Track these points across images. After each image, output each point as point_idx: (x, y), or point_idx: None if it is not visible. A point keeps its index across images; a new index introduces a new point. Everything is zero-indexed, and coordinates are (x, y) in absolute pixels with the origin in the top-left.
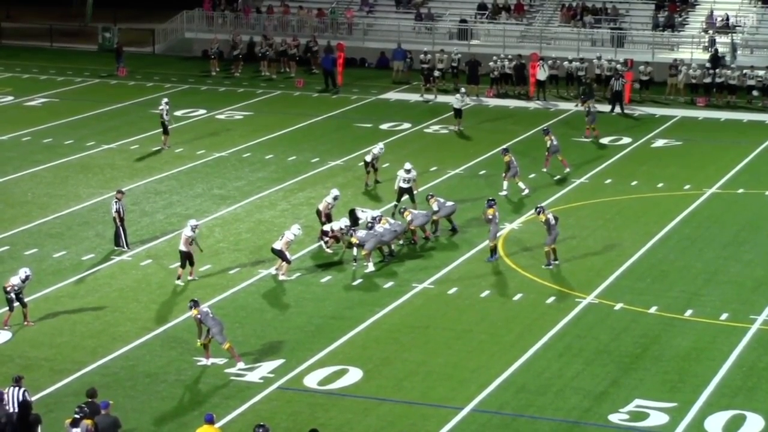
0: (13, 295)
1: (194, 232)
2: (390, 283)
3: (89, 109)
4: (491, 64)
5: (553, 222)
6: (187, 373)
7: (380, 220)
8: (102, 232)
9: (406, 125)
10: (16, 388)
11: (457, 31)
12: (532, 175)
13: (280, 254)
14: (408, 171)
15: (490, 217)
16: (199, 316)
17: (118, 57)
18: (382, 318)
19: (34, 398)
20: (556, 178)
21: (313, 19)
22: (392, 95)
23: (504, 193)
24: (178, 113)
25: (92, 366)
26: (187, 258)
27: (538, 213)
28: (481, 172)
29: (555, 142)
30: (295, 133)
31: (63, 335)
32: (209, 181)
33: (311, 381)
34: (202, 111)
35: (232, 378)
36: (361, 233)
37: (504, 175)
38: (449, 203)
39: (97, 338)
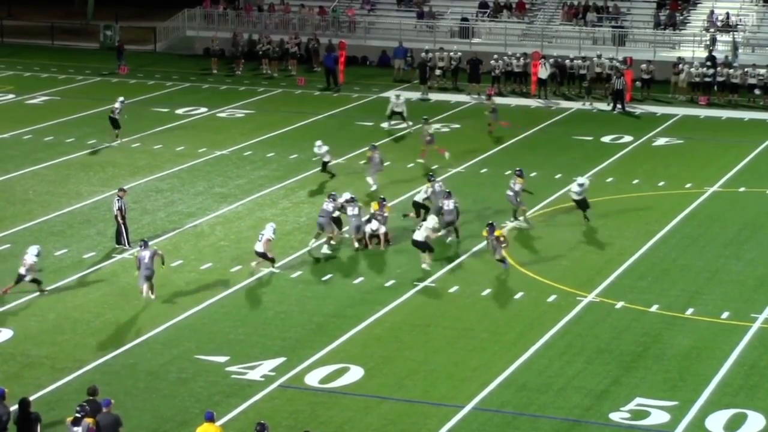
0: (29, 276)
1: (274, 234)
2: (391, 281)
3: (91, 107)
4: (492, 62)
5: (495, 243)
6: (189, 372)
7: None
8: (103, 230)
9: (408, 124)
10: None
11: (459, 29)
12: (534, 174)
13: (263, 256)
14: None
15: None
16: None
17: (119, 55)
18: (383, 316)
19: (34, 396)
20: (434, 167)
21: (315, 17)
22: (393, 93)
23: (373, 188)
24: (179, 111)
25: (93, 364)
26: (261, 257)
27: (490, 230)
28: (482, 171)
29: (431, 132)
30: (296, 131)
31: (64, 333)
32: (211, 179)
33: (312, 379)
34: (203, 109)
35: (233, 376)
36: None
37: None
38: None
39: (98, 336)
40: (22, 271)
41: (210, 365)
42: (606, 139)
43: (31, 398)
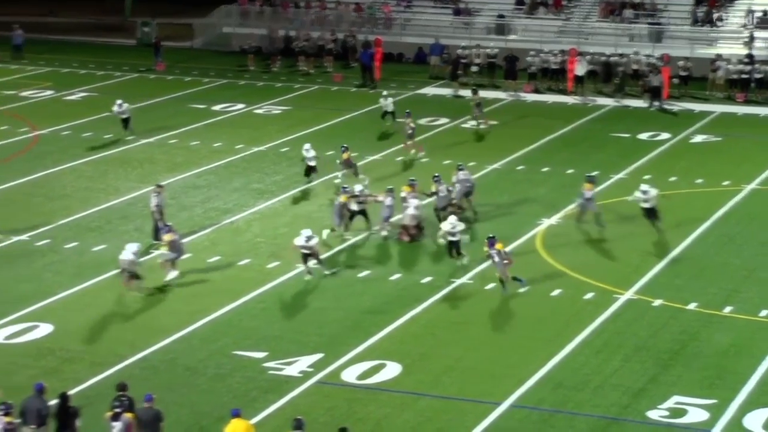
0: (128, 272)
1: (308, 242)
2: (428, 278)
3: (128, 103)
4: (529, 59)
5: (497, 259)
6: (227, 367)
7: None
8: (141, 226)
9: (444, 120)
10: None
11: (495, 26)
12: (570, 171)
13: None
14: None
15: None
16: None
17: (156, 52)
18: (420, 313)
19: (73, 391)
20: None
21: (351, 13)
22: (429, 90)
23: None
24: (216, 108)
25: (132, 359)
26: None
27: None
28: (519, 168)
29: (410, 130)
30: (332, 127)
31: (103, 328)
32: (248, 175)
33: (349, 375)
34: (240, 105)
35: (271, 372)
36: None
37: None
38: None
39: (137, 331)
40: (125, 273)
41: (248, 361)
42: (643, 136)
43: (70, 393)
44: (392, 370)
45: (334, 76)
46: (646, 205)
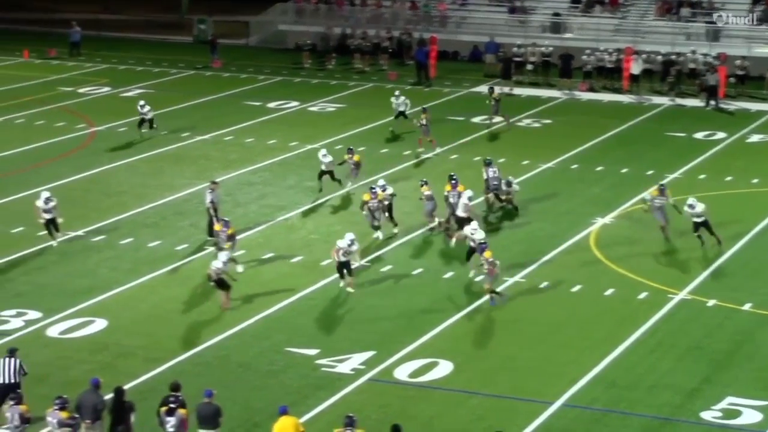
0: (216, 277)
1: (349, 246)
2: (481, 276)
3: (184, 101)
4: (584, 57)
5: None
6: (279, 364)
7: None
8: (196, 223)
9: (498, 119)
10: (11, 359)
11: (551, 24)
12: (625, 170)
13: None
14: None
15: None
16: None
17: (212, 49)
18: (472, 311)
19: (127, 386)
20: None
21: (406, 11)
22: (484, 88)
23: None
24: (271, 105)
25: (185, 355)
26: (343, 267)
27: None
28: (573, 166)
29: (424, 124)
30: (387, 125)
31: (157, 324)
32: (302, 172)
33: (401, 373)
34: (294, 103)
35: (323, 369)
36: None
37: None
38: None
39: (190, 327)
40: (213, 276)
41: (300, 358)
42: (699, 135)
43: (125, 388)
44: (444, 368)
45: (389, 74)
46: (697, 220)
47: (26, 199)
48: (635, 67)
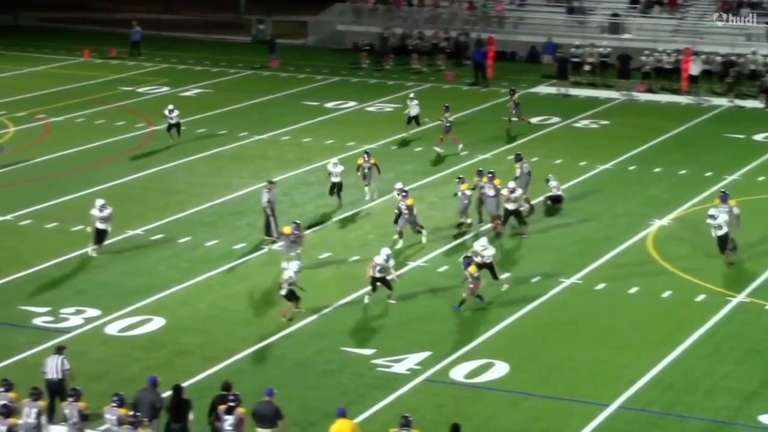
0: (287, 288)
1: (386, 261)
2: (537, 278)
3: (242, 100)
4: (643, 58)
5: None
6: (335, 363)
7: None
8: (253, 222)
9: (555, 119)
10: (58, 356)
11: (609, 24)
12: (683, 171)
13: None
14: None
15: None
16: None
17: (271, 49)
18: (529, 312)
19: (185, 384)
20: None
21: (464, 11)
22: (541, 89)
23: (367, 198)
24: (329, 105)
25: (242, 354)
26: (377, 282)
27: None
28: (631, 168)
29: (448, 123)
30: (438, 126)
31: (214, 323)
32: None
33: (457, 374)
34: (352, 103)
35: (379, 369)
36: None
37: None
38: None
39: (247, 326)
40: (283, 289)
41: (356, 357)
42: (758, 137)
43: (182, 386)
44: (500, 369)
45: (446, 74)
46: (719, 233)
47: (86, 198)
48: (694, 68)
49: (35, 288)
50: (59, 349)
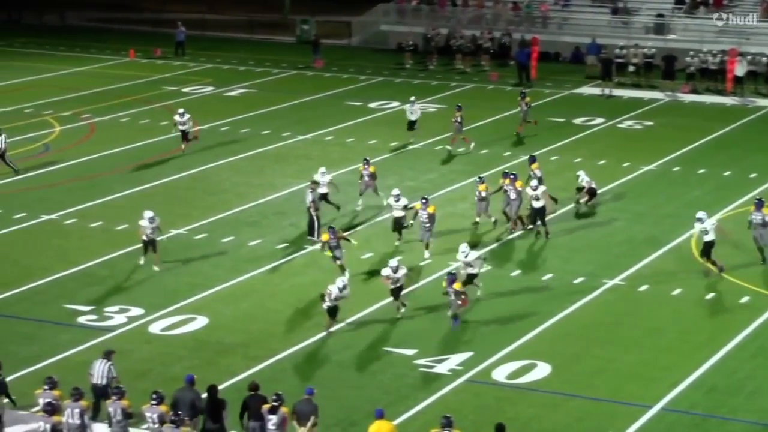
0: (329, 304)
1: (394, 272)
2: (581, 279)
3: (286, 100)
4: (687, 59)
5: (452, 297)
6: (377, 363)
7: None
8: (296, 222)
9: (599, 120)
10: (105, 362)
11: (654, 25)
12: (727, 173)
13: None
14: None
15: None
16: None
17: (315, 49)
18: (571, 313)
19: (228, 383)
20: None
21: (508, 12)
22: (585, 90)
23: (358, 207)
24: (372, 105)
25: (284, 353)
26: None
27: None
28: (675, 169)
29: (458, 122)
30: (487, 126)
31: (257, 322)
32: (402, 172)
33: (500, 374)
34: (396, 103)
35: (421, 369)
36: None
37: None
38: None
39: (289, 326)
40: (325, 303)
41: (398, 357)
42: None
43: (225, 385)
44: (542, 370)
45: (490, 74)
46: (706, 238)
47: (130, 197)
48: (739, 69)
49: (80, 287)
50: (108, 354)
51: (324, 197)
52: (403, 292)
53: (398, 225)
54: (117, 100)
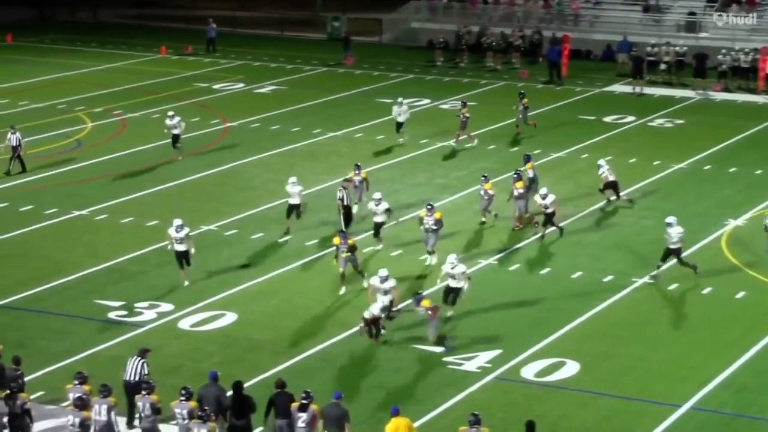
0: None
1: (381, 283)
2: (610, 277)
3: (316, 97)
4: (719, 57)
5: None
6: (405, 361)
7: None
8: (326, 219)
9: (630, 118)
10: (138, 360)
11: (685, 23)
12: (758, 171)
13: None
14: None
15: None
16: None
17: (345, 46)
18: (600, 312)
19: (255, 380)
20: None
21: (539, 10)
22: (616, 88)
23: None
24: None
25: (313, 350)
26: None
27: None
28: (706, 167)
29: (464, 119)
30: (512, 125)
31: (285, 319)
32: (431, 170)
33: (528, 372)
34: (426, 101)
35: (450, 367)
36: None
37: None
38: None
39: (318, 323)
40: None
41: (427, 355)
42: None
43: (253, 381)
44: (571, 368)
45: (520, 72)
46: (672, 245)
47: (161, 193)
48: None
49: (110, 282)
50: (143, 352)
51: (294, 208)
52: (395, 309)
53: (379, 230)
54: (148, 96)
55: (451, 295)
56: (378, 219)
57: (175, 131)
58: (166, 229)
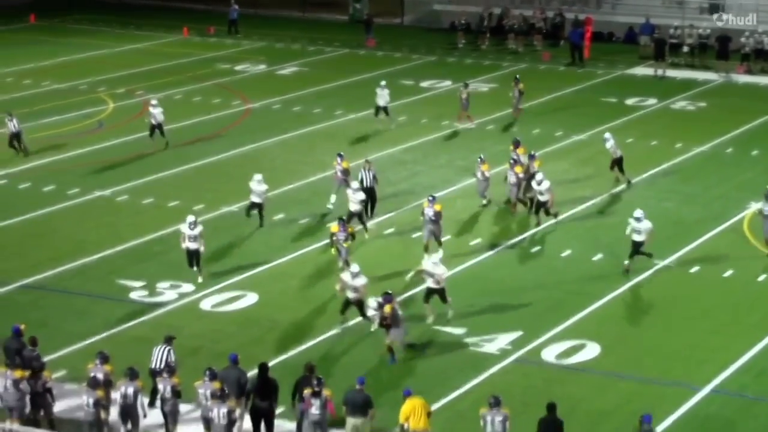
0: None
1: (354, 279)
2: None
3: (338, 79)
4: (743, 39)
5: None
6: (426, 343)
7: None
8: (346, 200)
9: (652, 101)
10: (165, 348)
11: (708, 5)
12: None
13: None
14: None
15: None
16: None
17: (367, 28)
18: (621, 294)
19: (276, 361)
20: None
21: None
22: (639, 70)
23: (330, 205)
24: (424, 84)
25: (333, 331)
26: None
27: None
28: (728, 150)
29: (466, 96)
30: (540, 106)
31: (307, 300)
32: (453, 152)
33: (549, 355)
34: (447, 82)
35: (470, 348)
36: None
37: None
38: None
39: (339, 304)
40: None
41: (447, 336)
42: None
43: (273, 362)
44: (592, 350)
45: (542, 54)
46: (636, 238)
47: (182, 174)
48: None
49: (131, 262)
50: (169, 340)
51: (256, 206)
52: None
53: (358, 218)
54: (170, 77)
55: (434, 296)
56: (353, 208)
57: (155, 121)
58: (179, 226)
